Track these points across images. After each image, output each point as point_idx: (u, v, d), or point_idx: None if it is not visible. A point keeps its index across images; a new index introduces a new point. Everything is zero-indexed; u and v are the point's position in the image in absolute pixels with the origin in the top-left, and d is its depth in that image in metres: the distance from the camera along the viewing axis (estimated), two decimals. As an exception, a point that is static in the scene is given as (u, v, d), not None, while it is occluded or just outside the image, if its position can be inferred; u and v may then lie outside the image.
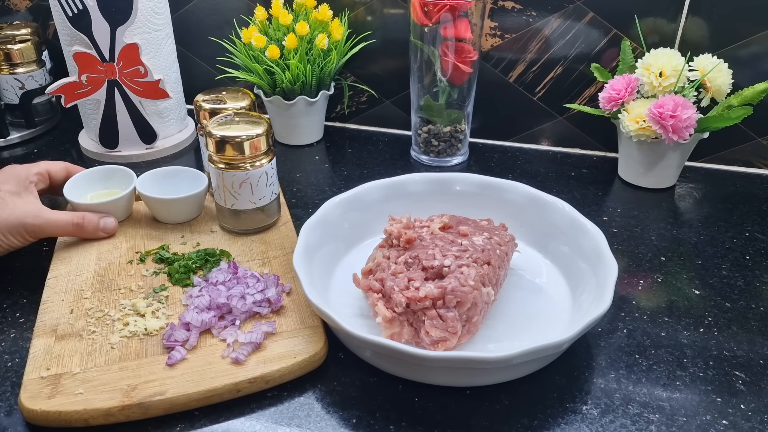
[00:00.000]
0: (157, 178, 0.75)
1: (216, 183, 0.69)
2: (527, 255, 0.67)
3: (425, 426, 0.50)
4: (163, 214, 0.73)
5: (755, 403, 0.53)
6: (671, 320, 0.62)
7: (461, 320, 0.52)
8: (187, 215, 0.73)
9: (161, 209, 0.72)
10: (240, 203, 0.69)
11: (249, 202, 0.69)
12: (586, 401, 0.53)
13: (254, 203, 0.69)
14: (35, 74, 0.98)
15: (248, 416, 0.51)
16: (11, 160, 0.92)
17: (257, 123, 0.68)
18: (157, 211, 0.73)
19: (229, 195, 0.69)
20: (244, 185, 0.68)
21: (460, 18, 0.81)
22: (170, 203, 0.72)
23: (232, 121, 0.68)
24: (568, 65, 0.90)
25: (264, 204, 0.70)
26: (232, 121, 0.68)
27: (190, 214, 0.74)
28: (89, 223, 0.67)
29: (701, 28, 0.84)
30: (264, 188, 0.69)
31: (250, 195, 0.69)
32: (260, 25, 0.92)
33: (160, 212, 0.73)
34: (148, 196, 0.71)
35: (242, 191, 0.68)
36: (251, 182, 0.68)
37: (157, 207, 0.72)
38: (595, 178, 0.88)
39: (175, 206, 0.72)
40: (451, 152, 0.91)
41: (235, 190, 0.68)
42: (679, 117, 0.75)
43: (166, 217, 0.73)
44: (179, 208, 0.72)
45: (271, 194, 0.71)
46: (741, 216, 0.79)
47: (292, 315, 0.59)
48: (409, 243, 0.59)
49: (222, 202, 0.70)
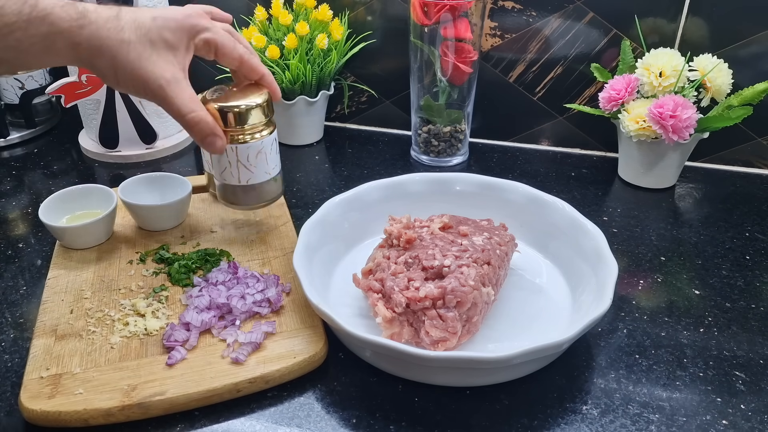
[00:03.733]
0: (141, 184, 0.73)
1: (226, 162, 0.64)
2: (527, 255, 0.67)
3: (425, 426, 0.50)
4: (146, 221, 0.71)
5: (755, 403, 0.53)
6: (671, 320, 0.62)
7: (461, 320, 0.52)
8: (170, 222, 0.72)
9: (144, 216, 0.71)
10: (256, 176, 0.65)
11: (264, 173, 0.66)
12: (586, 401, 0.53)
13: (269, 173, 0.66)
14: (35, 74, 0.98)
15: (248, 416, 0.51)
16: (11, 160, 0.92)
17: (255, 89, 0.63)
18: (140, 218, 0.71)
19: (244, 170, 0.64)
20: (260, 155, 0.64)
21: (460, 18, 0.81)
22: (152, 210, 0.70)
23: (231, 93, 0.63)
24: (568, 65, 0.90)
25: (276, 173, 0.67)
26: (231, 93, 0.63)
27: (172, 222, 0.72)
28: (198, 129, 0.54)
29: (701, 28, 0.84)
30: (276, 156, 0.66)
31: (265, 165, 0.65)
32: (260, 25, 0.92)
33: (143, 220, 0.71)
34: (130, 203, 0.69)
35: (258, 162, 0.64)
36: (265, 151, 0.64)
37: (141, 214, 0.71)
38: (595, 178, 0.88)
39: (158, 213, 0.70)
40: (451, 152, 0.91)
41: (250, 163, 0.64)
42: (679, 117, 0.75)
43: (149, 224, 0.71)
44: (162, 215, 0.71)
45: (279, 161, 0.68)
46: (741, 216, 0.79)
47: (292, 315, 0.59)
48: (409, 243, 0.59)
49: (235, 181, 0.65)
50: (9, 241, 0.73)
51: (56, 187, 0.78)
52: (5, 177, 0.87)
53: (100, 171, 0.90)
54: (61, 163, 0.91)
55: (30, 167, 0.90)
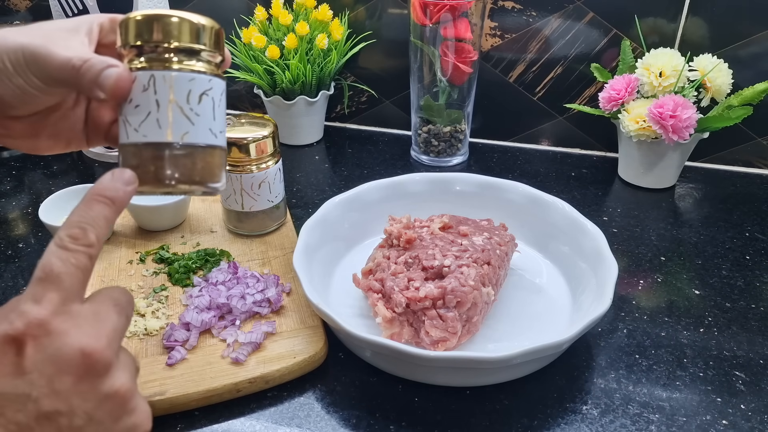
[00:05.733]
0: None
1: (231, 189, 0.68)
2: (527, 255, 0.67)
3: (425, 426, 0.50)
4: (146, 221, 0.71)
5: (755, 403, 0.53)
6: (671, 320, 0.62)
7: (461, 320, 0.52)
8: (171, 222, 0.72)
9: (145, 216, 0.71)
10: (258, 204, 0.69)
11: (267, 201, 0.69)
12: (586, 401, 0.53)
13: (272, 201, 0.69)
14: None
15: (248, 416, 0.51)
16: (11, 160, 0.92)
17: (261, 122, 0.68)
18: (140, 218, 0.71)
19: (248, 198, 0.68)
20: (263, 185, 0.68)
21: (460, 18, 0.81)
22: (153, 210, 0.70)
23: (237, 124, 0.68)
24: (568, 65, 0.90)
25: (279, 200, 0.71)
26: (237, 124, 0.68)
27: (174, 221, 0.72)
28: (88, 70, 0.39)
29: (701, 28, 0.84)
30: (279, 184, 0.70)
31: (268, 194, 0.69)
32: (260, 25, 0.92)
33: (143, 219, 0.71)
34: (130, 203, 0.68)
35: (261, 191, 0.68)
36: (269, 180, 0.68)
37: (141, 214, 0.71)
38: (595, 178, 0.88)
39: (159, 213, 0.70)
40: (451, 152, 0.91)
41: (254, 192, 0.68)
42: (679, 117, 0.75)
43: (149, 224, 0.71)
44: (163, 215, 0.71)
45: (283, 189, 0.71)
46: (741, 216, 0.79)
47: (292, 315, 0.59)
48: (409, 243, 0.59)
49: (238, 207, 0.69)
50: (9, 241, 0.73)
51: (56, 187, 0.78)
52: (5, 177, 0.87)
53: (100, 171, 0.90)
54: (61, 163, 0.91)
55: (30, 167, 0.90)
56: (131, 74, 0.39)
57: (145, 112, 0.39)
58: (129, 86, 0.39)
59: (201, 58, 0.40)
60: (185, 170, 0.40)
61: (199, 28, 0.40)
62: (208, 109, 0.40)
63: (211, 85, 0.41)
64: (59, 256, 0.35)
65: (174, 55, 0.39)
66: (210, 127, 0.41)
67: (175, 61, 0.39)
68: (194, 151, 0.40)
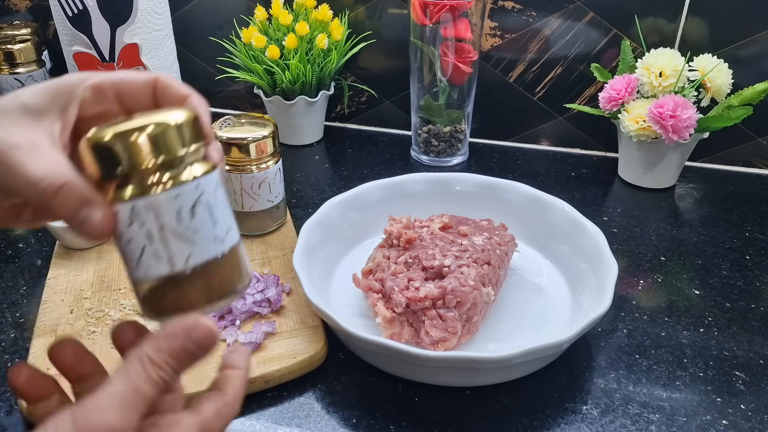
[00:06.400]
0: None
1: (231, 189, 0.68)
2: (527, 255, 0.67)
3: (425, 426, 0.50)
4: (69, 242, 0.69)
5: (755, 403, 0.53)
6: (671, 320, 0.62)
7: (461, 320, 0.52)
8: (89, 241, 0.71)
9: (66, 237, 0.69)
10: (258, 204, 0.69)
11: (267, 201, 0.69)
12: (586, 401, 0.53)
13: (272, 201, 0.69)
14: (35, 74, 0.98)
15: (248, 416, 0.51)
16: (11, 160, 0.92)
17: (261, 122, 0.68)
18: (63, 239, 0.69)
19: (248, 198, 0.68)
20: (263, 185, 0.68)
21: (460, 18, 0.81)
22: None
23: (237, 124, 0.68)
24: (568, 65, 0.90)
25: (279, 200, 0.71)
26: (237, 124, 0.68)
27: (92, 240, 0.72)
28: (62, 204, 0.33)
29: (701, 28, 0.84)
30: (279, 184, 0.70)
31: (268, 194, 0.69)
32: (260, 25, 0.92)
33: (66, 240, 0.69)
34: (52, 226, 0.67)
35: (261, 191, 0.68)
36: (269, 180, 0.68)
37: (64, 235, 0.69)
38: (595, 178, 0.88)
39: None
40: (451, 152, 0.91)
41: (254, 192, 0.68)
42: (679, 117, 0.75)
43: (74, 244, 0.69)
44: None
45: (283, 189, 0.71)
46: (741, 216, 0.79)
47: (292, 315, 0.59)
48: (409, 243, 0.59)
49: (238, 207, 0.69)
50: (9, 241, 0.73)
51: (56, 187, 0.78)
52: (5, 177, 0.87)
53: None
54: (61, 163, 0.91)
55: (30, 167, 0.90)
56: (113, 210, 0.33)
57: (139, 248, 0.34)
58: (111, 226, 0.34)
59: (184, 162, 0.34)
60: (204, 292, 0.35)
61: (173, 133, 0.33)
62: (205, 219, 0.34)
63: (200, 190, 0.34)
64: None
65: (153, 175, 0.33)
66: (214, 236, 0.35)
67: (156, 181, 0.33)
68: (205, 268, 0.34)
